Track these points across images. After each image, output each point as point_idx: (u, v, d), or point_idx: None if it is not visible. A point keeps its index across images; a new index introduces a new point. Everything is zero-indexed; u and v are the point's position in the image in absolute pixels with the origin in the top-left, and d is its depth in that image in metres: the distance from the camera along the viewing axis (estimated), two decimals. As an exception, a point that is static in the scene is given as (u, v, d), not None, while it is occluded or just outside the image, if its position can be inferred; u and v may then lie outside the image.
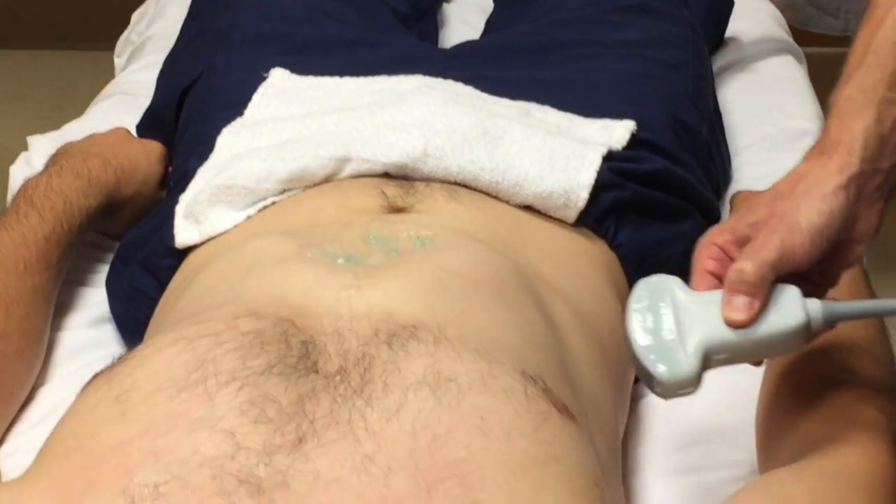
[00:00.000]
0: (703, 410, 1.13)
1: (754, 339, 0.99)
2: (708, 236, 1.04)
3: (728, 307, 0.98)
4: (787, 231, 0.98)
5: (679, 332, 0.99)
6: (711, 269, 1.02)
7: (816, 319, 0.99)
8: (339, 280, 1.01)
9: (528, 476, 0.87)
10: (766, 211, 1.01)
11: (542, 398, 0.93)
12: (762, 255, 0.98)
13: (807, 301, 0.99)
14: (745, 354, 1.01)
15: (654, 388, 1.01)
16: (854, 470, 1.01)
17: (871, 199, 1.01)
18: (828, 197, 0.98)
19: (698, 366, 0.99)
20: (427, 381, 0.90)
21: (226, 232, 1.25)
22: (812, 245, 0.98)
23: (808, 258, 0.99)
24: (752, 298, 0.98)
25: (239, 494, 0.83)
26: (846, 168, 0.99)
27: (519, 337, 1.00)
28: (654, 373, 0.99)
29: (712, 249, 1.03)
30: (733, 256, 1.01)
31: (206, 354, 0.92)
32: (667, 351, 0.99)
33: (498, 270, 1.08)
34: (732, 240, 1.02)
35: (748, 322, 0.98)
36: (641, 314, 1.02)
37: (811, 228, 0.98)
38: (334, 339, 0.95)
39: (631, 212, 1.29)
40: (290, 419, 0.88)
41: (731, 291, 0.98)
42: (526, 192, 1.24)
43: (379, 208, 1.20)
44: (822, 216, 0.98)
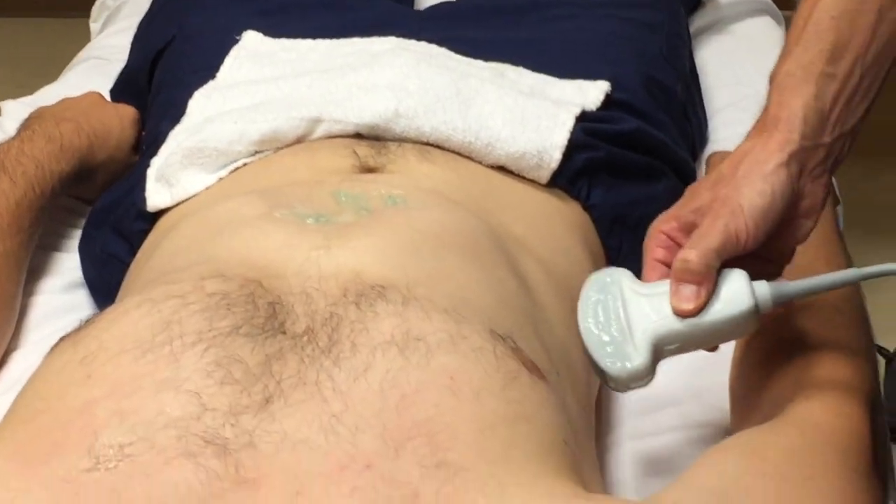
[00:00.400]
0: (677, 372, 1.12)
1: (704, 327, 0.99)
2: (655, 225, 1.04)
3: (675, 297, 0.98)
4: (730, 215, 0.98)
5: (629, 324, 1.00)
6: (660, 258, 1.02)
7: (765, 302, 0.99)
8: (308, 241, 1.01)
9: (497, 435, 0.87)
10: (710, 195, 1.01)
11: (511, 357, 0.92)
12: (706, 243, 0.98)
13: (754, 284, 0.99)
14: (697, 342, 1.01)
15: (607, 383, 1.01)
16: (827, 429, 1.01)
17: (815, 175, 1.01)
18: (769, 177, 0.98)
19: (649, 358, 0.99)
20: (395, 341, 0.90)
21: (197, 194, 1.24)
22: (756, 227, 0.98)
23: (753, 241, 0.99)
24: (698, 287, 0.98)
25: (205, 455, 0.82)
26: (786, 145, 0.99)
27: (489, 297, 1.00)
28: (605, 368, 1.00)
29: (660, 238, 1.03)
30: (681, 243, 1.01)
31: (171, 316, 0.91)
32: (617, 345, 1.00)
33: (470, 230, 1.08)
34: (678, 227, 1.02)
35: (696, 311, 0.98)
36: (592, 308, 1.02)
37: (753, 211, 0.98)
38: (302, 299, 0.94)
39: (604, 172, 1.29)
40: (256, 380, 0.87)
41: (677, 281, 0.99)
42: (498, 152, 1.23)
43: (350, 168, 1.20)
44: (763, 197, 0.98)
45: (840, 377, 1.05)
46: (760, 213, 0.98)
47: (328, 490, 0.82)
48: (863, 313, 1.15)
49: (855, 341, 1.10)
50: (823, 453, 0.99)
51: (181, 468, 0.82)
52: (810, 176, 1.01)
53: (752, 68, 1.73)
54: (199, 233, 1.10)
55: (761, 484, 0.95)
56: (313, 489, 0.82)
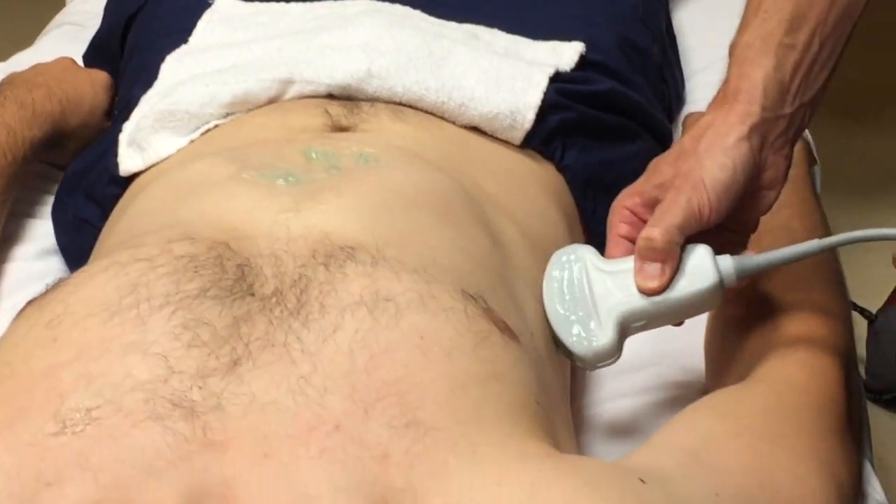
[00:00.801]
0: (653, 333, 1.12)
1: (669, 303, 1.00)
2: (618, 200, 1.05)
3: (640, 275, 0.99)
4: (692, 191, 0.98)
5: (594, 303, 1.01)
6: (624, 234, 1.03)
7: (729, 277, 1.00)
8: (278, 202, 1.00)
9: (468, 394, 0.86)
10: (671, 171, 1.01)
11: (482, 317, 0.92)
12: (668, 220, 0.98)
13: (718, 259, 1.00)
14: (663, 319, 1.02)
15: (574, 362, 1.01)
16: (801, 388, 1.01)
17: (777, 146, 1.02)
18: (730, 150, 0.99)
19: (615, 337, 1.00)
20: (364, 302, 0.89)
21: (169, 157, 1.23)
22: (718, 202, 0.98)
23: (716, 215, 0.99)
24: (662, 265, 0.99)
25: (172, 418, 0.82)
26: (747, 118, 0.99)
27: (461, 256, 0.99)
28: (571, 348, 1.00)
29: (624, 213, 1.03)
30: (644, 219, 1.01)
31: (139, 279, 0.90)
32: (583, 324, 1.00)
33: (442, 190, 1.07)
34: (642, 202, 1.03)
35: (660, 289, 0.99)
36: (557, 288, 1.02)
37: (715, 185, 0.98)
38: (271, 261, 0.94)
39: (578, 133, 1.28)
40: (224, 342, 0.87)
41: (641, 259, 0.99)
42: (472, 112, 1.23)
43: (322, 127, 1.19)
44: (724, 171, 0.98)
45: (815, 336, 1.05)
46: (722, 187, 0.98)
47: (296, 452, 0.81)
48: (838, 274, 1.15)
49: (830, 301, 1.10)
50: (797, 412, 0.99)
51: (148, 431, 0.81)
52: (772, 147, 1.01)
53: (730, 28, 1.71)
54: (168, 195, 1.09)
55: (734, 443, 0.95)
56: (281, 451, 0.81)
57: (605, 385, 1.17)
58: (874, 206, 2.34)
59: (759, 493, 0.91)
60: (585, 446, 1.10)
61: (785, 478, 0.93)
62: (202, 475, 0.80)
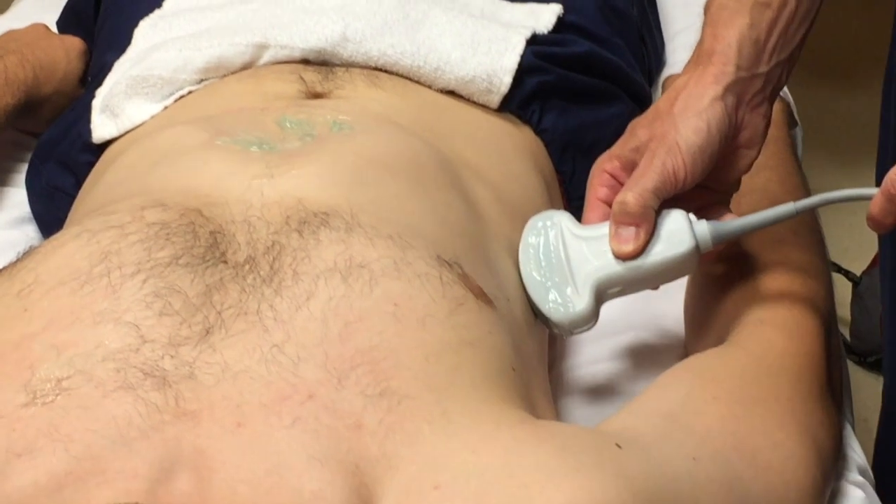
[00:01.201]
0: (633, 297, 1.11)
1: (645, 268, 0.99)
2: (598, 163, 1.04)
3: (615, 239, 0.99)
4: (667, 154, 0.98)
5: (570, 269, 1.00)
6: (603, 197, 1.03)
7: (705, 242, 1.00)
8: (251, 168, 0.99)
9: (442, 362, 0.86)
10: (647, 133, 1.01)
11: (457, 283, 0.91)
12: (643, 184, 0.98)
13: (695, 224, 0.99)
14: (639, 284, 1.02)
15: (551, 328, 1.00)
16: (780, 352, 1.01)
17: (754, 105, 1.01)
18: (704, 112, 0.98)
19: (591, 303, 0.99)
20: (338, 269, 0.88)
21: (143, 124, 1.22)
22: (693, 165, 0.98)
23: (692, 178, 0.99)
24: (637, 229, 0.98)
25: (144, 387, 0.81)
26: (722, 77, 0.99)
27: (436, 222, 0.98)
28: (547, 314, 1.00)
29: (603, 177, 1.03)
30: (623, 182, 1.01)
31: (110, 247, 0.89)
32: (559, 291, 1.00)
33: (417, 155, 1.06)
34: (620, 166, 1.02)
35: (636, 253, 0.99)
36: (533, 254, 1.02)
37: (690, 148, 0.98)
38: (244, 228, 0.93)
39: (556, 96, 1.27)
40: (196, 311, 0.86)
41: (616, 223, 0.99)
42: (448, 76, 1.21)
43: (297, 94, 1.18)
44: (699, 134, 0.98)
45: (794, 298, 1.05)
46: (697, 149, 0.98)
47: (269, 421, 0.80)
48: (818, 235, 1.15)
49: (810, 261, 1.10)
50: (776, 376, 0.99)
51: (120, 401, 0.80)
52: (748, 106, 1.01)
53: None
54: (140, 162, 1.08)
55: (713, 407, 0.94)
56: (254, 420, 0.80)
57: (584, 350, 1.16)
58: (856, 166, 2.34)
59: (736, 457, 0.91)
60: (564, 411, 1.09)
61: (763, 441, 0.93)
62: (174, 445, 0.79)
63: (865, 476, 1.05)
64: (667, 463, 0.86)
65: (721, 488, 0.87)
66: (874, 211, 0.91)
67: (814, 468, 0.95)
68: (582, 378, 1.14)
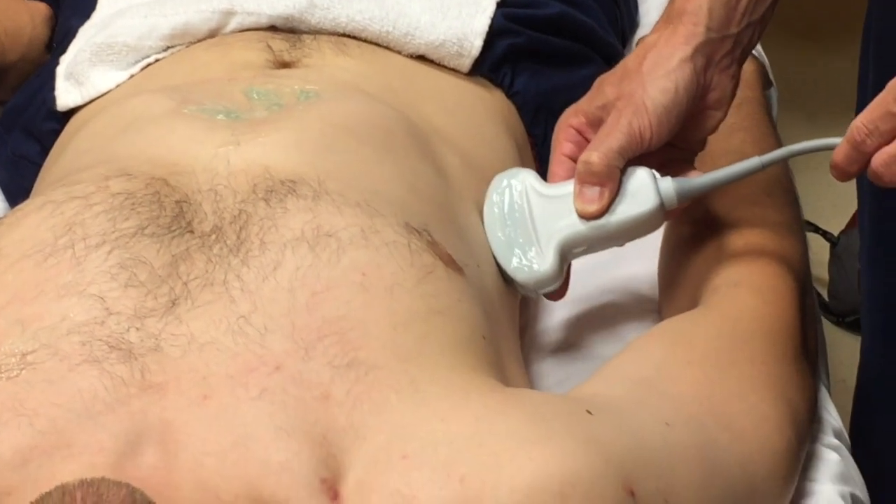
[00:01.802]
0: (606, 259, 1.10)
1: (610, 227, 0.99)
2: (563, 118, 1.03)
3: (579, 199, 0.98)
4: (634, 113, 0.97)
5: (535, 228, 1.00)
6: (568, 153, 1.02)
7: (670, 199, 0.99)
8: (217, 136, 0.97)
9: (410, 330, 0.85)
10: (615, 91, 1.00)
11: (426, 251, 0.90)
12: (608, 143, 0.97)
13: (659, 181, 0.99)
14: (604, 242, 1.01)
15: (517, 288, 1.00)
16: (754, 314, 1.00)
17: (723, 66, 1.01)
18: (672, 73, 0.98)
19: (556, 262, 0.99)
20: (306, 238, 0.87)
21: (108, 92, 1.20)
22: (660, 125, 0.98)
23: (658, 139, 0.98)
24: (601, 188, 0.98)
25: (110, 360, 0.80)
26: (692, 38, 0.98)
27: (404, 189, 0.97)
28: (512, 274, 1.00)
29: (568, 132, 1.03)
30: (589, 138, 1.01)
31: (74, 218, 0.88)
32: (524, 250, 1.00)
33: (385, 121, 1.05)
34: (587, 122, 1.02)
35: (600, 213, 0.98)
36: (498, 213, 1.02)
37: (657, 109, 0.97)
38: (210, 196, 0.91)
39: (527, 59, 1.25)
40: (162, 282, 0.85)
41: (580, 182, 0.98)
42: (418, 41, 1.20)
43: (264, 63, 1.16)
44: (666, 94, 0.97)
45: (769, 261, 1.04)
46: (664, 110, 0.97)
47: (236, 393, 0.80)
48: (793, 196, 1.14)
49: (784, 223, 1.09)
50: (750, 339, 0.98)
51: (85, 374, 0.80)
52: (717, 67, 1.00)
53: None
54: (106, 131, 1.06)
55: (687, 372, 0.94)
56: (221, 392, 0.80)
57: (557, 313, 1.15)
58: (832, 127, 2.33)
59: (710, 422, 0.90)
60: (537, 376, 1.08)
61: (737, 406, 0.93)
62: (140, 418, 0.79)
63: (841, 439, 1.04)
64: (640, 429, 0.85)
65: (695, 453, 0.87)
66: (838, 159, 0.91)
67: (788, 431, 0.94)
68: (555, 342, 1.14)
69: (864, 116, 0.89)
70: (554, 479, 0.77)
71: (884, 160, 0.89)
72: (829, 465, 1.00)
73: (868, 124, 0.89)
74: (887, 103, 0.88)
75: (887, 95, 0.88)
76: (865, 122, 0.89)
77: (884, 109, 0.88)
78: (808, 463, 0.99)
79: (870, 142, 0.89)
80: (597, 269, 1.15)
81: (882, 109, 0.88)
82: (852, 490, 0.99)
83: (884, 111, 0.88)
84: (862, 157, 0.90)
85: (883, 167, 0.89)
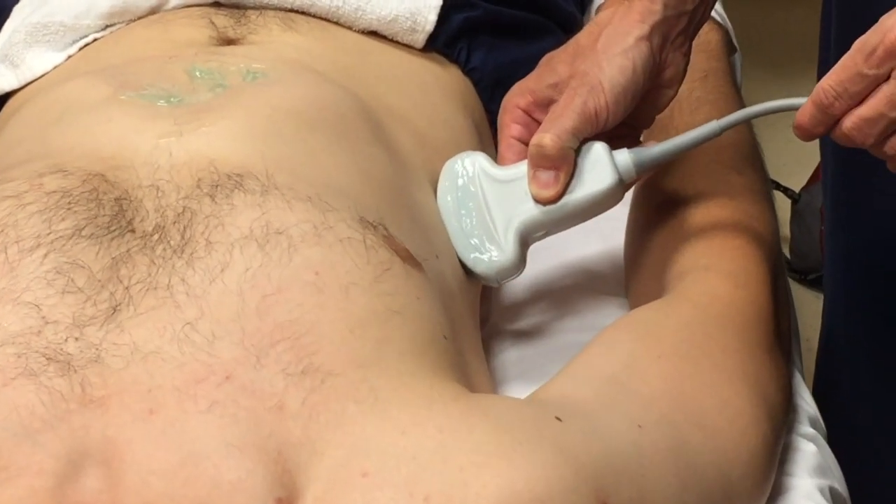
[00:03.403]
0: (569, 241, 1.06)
1: (568, 209, 0.95)
2: (509, 98, 1.00)
3: (534, 184, 0.95)
4: (589, 93, 0.94)
5: (491, 216, 0.96)
6: (516, 135, 0.99)
7: (628, 172, 0.96)
8: (158, 126, 0.92)
9: (367, 334, 0.80)
10: (567, 70, 0.96)
11: (382, 247, 0.85)
12: (561, 124, 0.93)
13: (615, 154, 0.95)
14: (564, 224, 0.98)
15: (477, 278, 0.97)
16: (725, 301, 0.96)
17: (677, 44, 0.98)
18: (630, 51, 0.94)
19: (516, 250, 0.96)
20: (254, 236, 0.82)
21: (45, 74, 1.15)
22: (616, 105, 0.94)
23: (613, 119, 0.95)
24: (556, 172, 0.94)
25: (47, 374, 0.75)
26: (648, 16, 0.95)
27: (358, 179, 0.92)
28: (472, 266, 0.96)
29: (516, 113, 0.99)
30: (537, 118, 0.97)
31: (6, 219, 0.83)
32: (481, 240, 0.96)
33: (336, 105, 0.99)
34: (534, 102, 0.98)
35: (555, 197, 0.95)
36: (453, 202, 0.98)
37: (614, 88, 0.94)
38: (152, 193, 0.86)
39: (483, 32, 1.21)
40: (102, 287, 0.80)
41: (534, 167, 0.95)
42: (369, 16, 1.15)
43: (208, 40, 1.11)
44: (624, 73, 0.94)
45: (740, 242, 1.01)
46: (621, 90, 0.94)
47: (184, 406, 0.75)
48: (760, 163, 1.10)
49: (753, 197, 1.05)
50: (722, 328, 0.94)
51: (21, 389, 0.74)
52: (672, 45, 0.97)
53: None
54: (40, 119, 1.00)
55: (657, 366, 0.90)
56: (167, 406, 0.75)
57: (518, 301, 1.11)
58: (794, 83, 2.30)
59: (682, 420, 0.86)
60: (500, 369, 1.04)
61: (710, 401, 0.89)
62: (82, 435, 0.74)
63: (816, 427, 1.01)
64: (610, 433, 0.81)
65: (668, 456, 0.83)
66: (802, 120, 0.88)
67: (764, 425, 0.91)
68: (515, 329, 1.09)
69: (830, 78, 0.85)
70: (523, 497, 0.73)
71: (855, 123, 0.86)
72: (806, 458, 0.96)
73: (836, 86, 0.85)
74: (856, 64, 0.84)
75: (856, 55, 0.84)
76: (833, 84, 0.85)
77: (853, 71, 0.84)
78: (784, 456, 0.95)
79: (838, 104, 0.86)
80: (559, 251, 1.11)
81: (851, 71, 0.84)
82: (830, 483, 0.95)
83: (853, 73, 0.84)
84: (828, 119, 0.87)
85: (855, 130, 0.86)
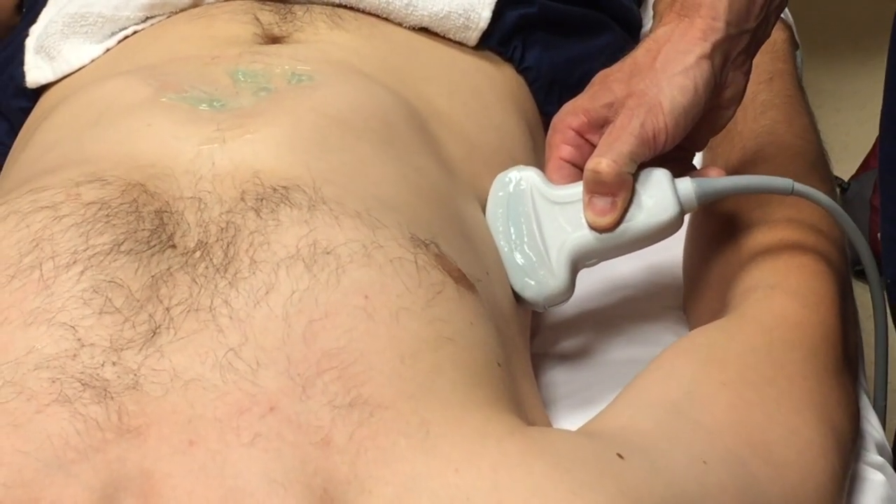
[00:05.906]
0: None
1: (625, 238, 0.91)
2: (561, 118, 0.94)
3: (590, 210, 0.91)
4: (648, 113, 0.89)
5: (543, 240, 0.92)
6: (567, 157, 0.94)
7: (690, 203, 0.91)
8: (200, 131, 0.88)
9: (418, 362, 0.76)
10: (624, 89, 0.91)
11: (435, 267, 0.81)
12: (618, 147, 0.89)
13: (678, 184, 0.91)
14: (619, 252, 0.93)
15: (524, 303, 0.93)
16: (792, 323, 0.91)
17: (738, 63, 0.93)
18: (691, 70, 0.89)
19: (567, 278, 0.92)
20: (301, 256, 0.78)
21: (83, 68, 1.11)
22: (676, 127, 0.89)
23: (672, 141, 0.90)
24: (614, 198, 0.90)
25: (82, 400, 0.71)
26: (710, 34, 0.90)
27: (407, 191, 0.88)
28: (520, 292, 0.92)
29: (567, 134, 0.94)
30: (590, 140, 0.92)
31: (42, 232, 0.79)
32: (532, 265, 0.92)
33: (385, 111, 0.95)
34: (588, 122, 0.93)
35: (612, 225, 0.90)
36: (503, 223, 0.94)
37: (674, 109, 0.89)
38: (194, 205, 0.82)
39: (539, 29, 1.16)
40: (141, 308, 0.76)
41: (590, 192, 0.90)
42: (420, 12, 1.10)
43: (252, 38, 1.06)
44: (685, 94, 0.89)
45: (807, 259, 0.96)
46: (682, 111, 0.89)
47: (226, 438, 0.71)
48: (830, 184, 1.05)
49: (822, 217, 1.00)
50: (789, 352, 0.90)
51: (55, 417, 0.71)
52: (733, 64, 0.93)
53: None
54: (76, 121, 0.96)
55: (720, 395, 0.85)
56: (208, 438, 0.71)
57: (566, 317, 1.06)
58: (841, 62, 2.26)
59: (749, 455, 0.82)
60: (549, 388, 0.99)
61: (778, 432, 0.84)
62: (118, 467, 0.70)
63: (884, 453, 0.96)
64: (674, 470, 0.77)
65: (734, 495, 0.79)
66: None
67: (833, 456, 0.86)
68: (563, 347, 1.05)
69: None
70: None
71: None
72: (875, 488, 0.92)
73: None
74: None
75: None
76: None
77: None
78: (851, 486, 0.91)
79: None
80: (612, 261, 1.06)
81: None
82: (900, 514, 0.91)
83: None
84: None
85: None
